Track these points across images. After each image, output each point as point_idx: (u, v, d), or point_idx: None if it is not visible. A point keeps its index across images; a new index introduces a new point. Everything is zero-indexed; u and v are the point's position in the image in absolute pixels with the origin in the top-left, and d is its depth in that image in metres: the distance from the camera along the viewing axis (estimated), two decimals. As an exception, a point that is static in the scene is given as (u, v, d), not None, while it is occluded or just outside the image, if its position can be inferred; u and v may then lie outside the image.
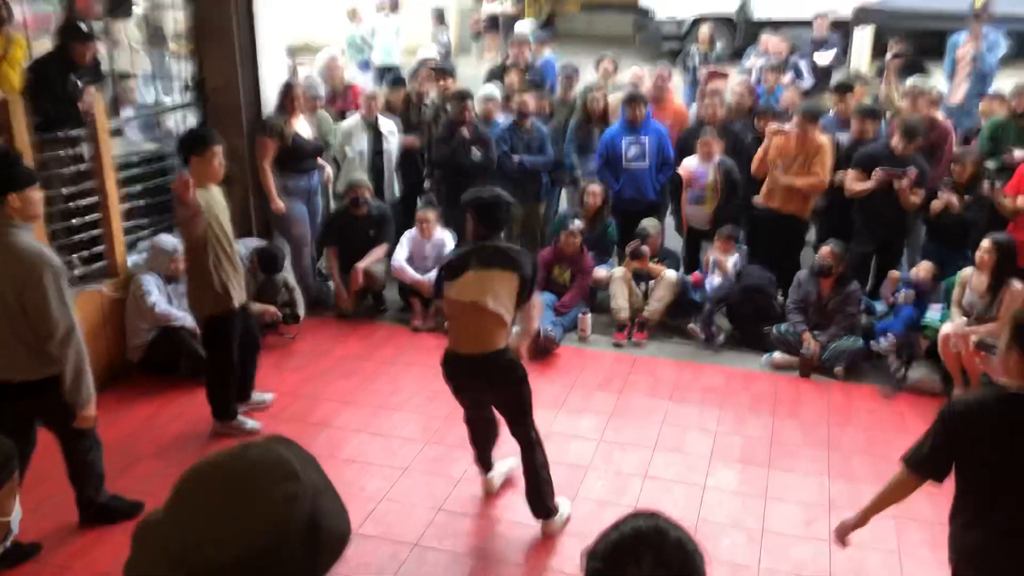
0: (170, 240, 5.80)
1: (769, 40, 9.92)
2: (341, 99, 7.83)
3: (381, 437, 5.23)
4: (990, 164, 6.42)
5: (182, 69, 6.71)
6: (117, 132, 6.53)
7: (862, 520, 3.16)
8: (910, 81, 6.99)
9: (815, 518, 4.52)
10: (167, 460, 4.86)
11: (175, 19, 6.73)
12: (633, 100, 7.10)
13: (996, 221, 6.14)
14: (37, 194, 3.78)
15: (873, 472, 4.92)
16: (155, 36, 7.51)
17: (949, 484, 2.87)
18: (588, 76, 8.67)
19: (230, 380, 5.10)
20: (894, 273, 6.32)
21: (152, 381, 5.74)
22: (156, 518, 1.33)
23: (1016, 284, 5.56)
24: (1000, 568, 2.74)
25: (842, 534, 3.23)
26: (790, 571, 4.13)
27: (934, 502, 4.58)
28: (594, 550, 1.37)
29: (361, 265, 6.76)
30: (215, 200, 4.79)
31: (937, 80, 8.33)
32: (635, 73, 8.37)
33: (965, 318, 5.71)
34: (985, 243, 5.62)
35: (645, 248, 6.65)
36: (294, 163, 6.55)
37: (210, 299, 4.81)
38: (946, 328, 5.67)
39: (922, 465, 2.87)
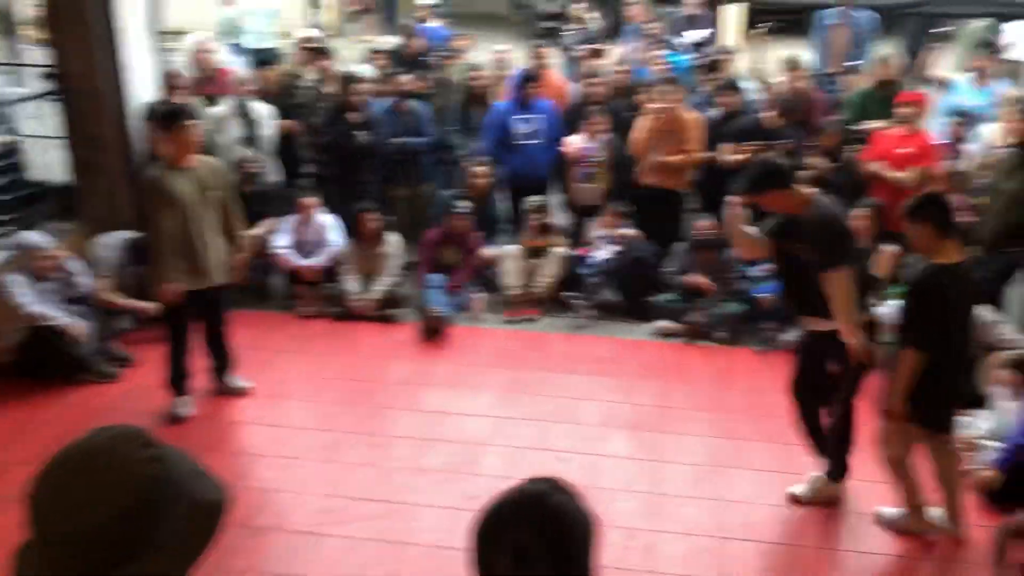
0: (35, 238, 5.50)
1: (637, 15, 10.08)
2: (211, 84, 7.54)
3: (271, 427, 5.12)
4: (855, 133, 6.72)
5: (37, 57, 6.35)
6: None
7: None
8: (786, 54, 7.24)
9: (704, 478, 4.67)
10: (40, 465, 4.61)
11: (26, 4, 6.36)
12: (527, 79, 7.12)
13: (859, 186, 6.44)
14: None
15: (757, 431, 5.13)
16: (4, 23, 7.08)
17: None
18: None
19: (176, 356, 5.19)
20: None
21: (25, 384, 5.45)
22: (29, 540, 1.30)
23: (889, 247, 5.85)
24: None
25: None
26: (682, 531, 4.26)
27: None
28: (479, 515, 1.37)
29: (254, 232, 6.61)
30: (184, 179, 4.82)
31: (803, 53, 8.66)
32: (498, 52, 8.30)
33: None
34: (861, 210, 5.88)
35: (552, 221, 6.73)
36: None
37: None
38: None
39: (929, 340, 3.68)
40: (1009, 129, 5.90)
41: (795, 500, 4.45)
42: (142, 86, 6.41)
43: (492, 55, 8.26)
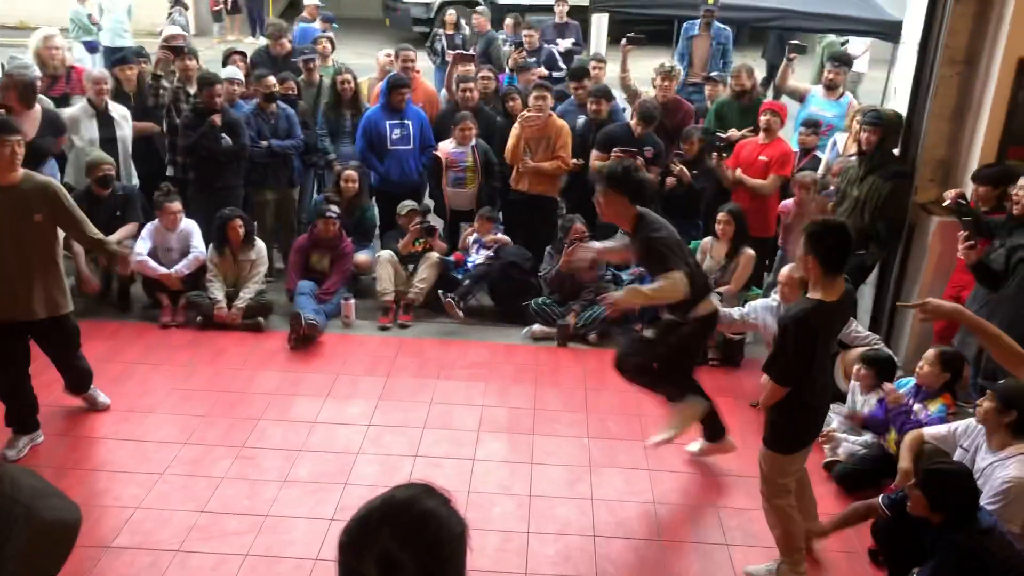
0: None
1: (510, 24, 10.24)
2: (63, 82, 7.14)
3: (132, 442, 4.88)
4: (716, 141, 6.98)
5: None
6: None
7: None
8: (665, 63, 7.42)
9: (578, 478, 4.75)
10: None
11: None
12: (397, 85, 7.07)
13: (721, 193, 6.71)
14: None
15: (627, 430, 5.25)
16: None
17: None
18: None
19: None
20: None
21: None
22: None
23: (748, 250, 6.11)
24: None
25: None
26: (557, 530, 4.31)
27: (682, 454, 4.98)
28: (346, 525, 1.33)
29: (111, 239, 6.28)
30: None
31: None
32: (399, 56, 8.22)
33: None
34: (722, 215, 6.12)
35: (434, 225, 6.70)
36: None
37: (66, 293, 4.74)
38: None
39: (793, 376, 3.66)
40: (854, 138, 6.26)
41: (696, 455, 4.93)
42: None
43: (380, 59, 8.17)
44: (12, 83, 5.71)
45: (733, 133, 6.99)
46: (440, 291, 6.61)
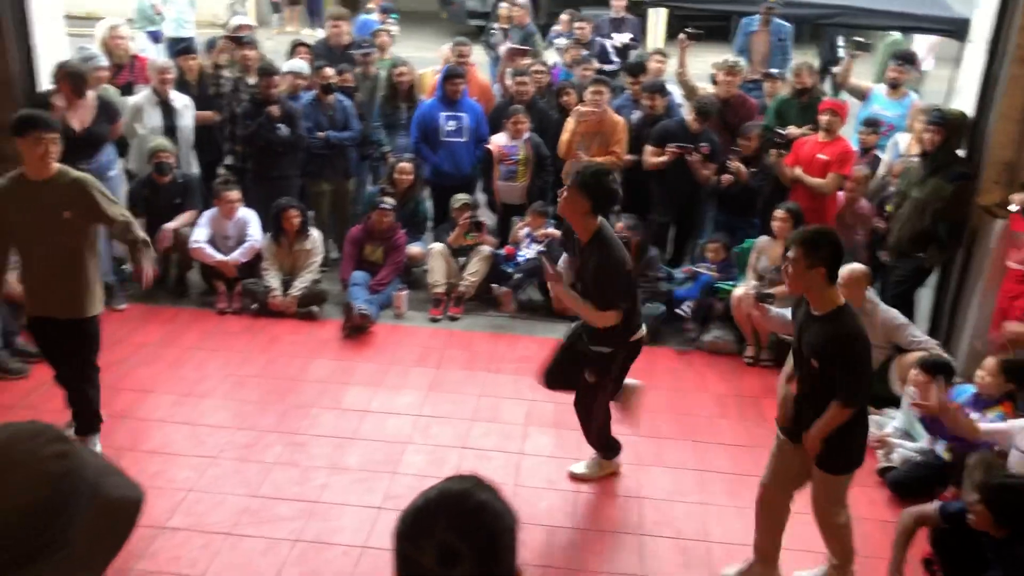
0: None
1: (567, 20, 10.18)
2: (127, 72, 7.30)
3: (187, 426, 4.99)
4: (776, 138, 6.88)
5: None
6: None
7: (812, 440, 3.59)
8: (729, 58, 7.32)
9: (625, 475, 4.73)
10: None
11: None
12: (451, 75, 7.10)
13: (778, 191, 6.61)
14: None
15: (677, 429, 5.22)
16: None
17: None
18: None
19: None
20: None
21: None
22: None
23: (858, 265, 5.99)
24: None
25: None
26: (604, 527, 4.30)
27: (730, 454, 4.94)
28: (402, 515, 1.35)
29: (170, 225, 6.45)
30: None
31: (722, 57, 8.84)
32: (453, 50, 8.25)
33: (757, 282, 6.12)
34: (779, 212, 6.03)
35: (483, 219, 6.72)
36: (65, 151, 5.98)
37: (95, 296, 4.47)
38: (739, 292, 6.06)
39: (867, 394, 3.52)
40: (917, 139, 6.13)
41: (575, 478, 4.67)
42: (48, 72, 6.15)
43: (443, 52, 8.20)
44: (64, 74, 5.84)
45: (792, 130, 6.88)
46: (494, 284, 6.63)
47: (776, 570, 3.95)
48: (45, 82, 6.08)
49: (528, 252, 6.82)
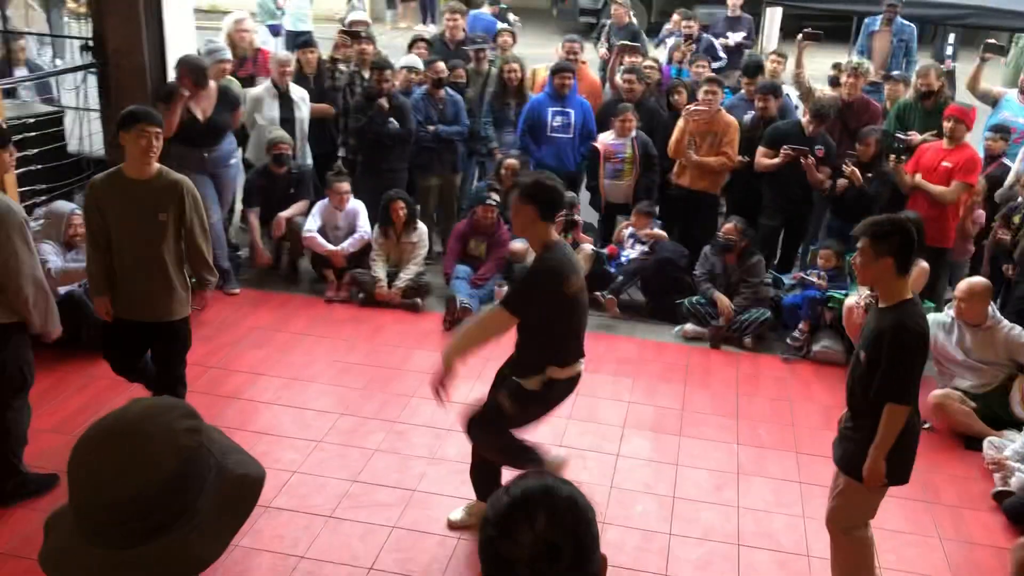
0: (66, 204, 5.55)
1: (678, 19, 10.05)
2: (250, 64, 7.57)
3: (294, 409, 5.14)
4: (896, 143, 6.63)
5: (80, 29, 6.39)
6: (9, 93, 6.21)
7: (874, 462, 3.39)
8: (854, 59, 7.09)
9: (724, 484, 4.64)
10: (67, 433, 4.66)
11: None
12: (561, 71, 7.11)
13: (896, 198, 6.37)
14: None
15: (779, 439, 5.09)
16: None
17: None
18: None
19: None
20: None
21: (52, 353, 5.49)
22: (64, 507, 1.30)
23: (922, 263, 5.77)
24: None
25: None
26: (700, 535, 4.23)
27: (834, 468, 4.78)
28: (487, 516, 1.34)
29: (284, 214, 6.68)
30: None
31: (840, 58, 8.57)
32: (563, 47, 8.21)
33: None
34: None
35: (578, 217, 6.70)
36: (188, 139, 6.26)
37: (182, 299, 4.43)
38: (850, 300, 5.86)
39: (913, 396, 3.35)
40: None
41: (452, 526, 4.18)
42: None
43: (560, 50, 8.20)
44: (185, 67, 6.08)
45: (915, 136, 6.61)
46: (598, 292, 6.57)
47: None
48: (174, 74, 6.36)
49: (631, 252, 6.77)
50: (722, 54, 9.39)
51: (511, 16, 9.98)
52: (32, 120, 5.78)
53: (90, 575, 1.22)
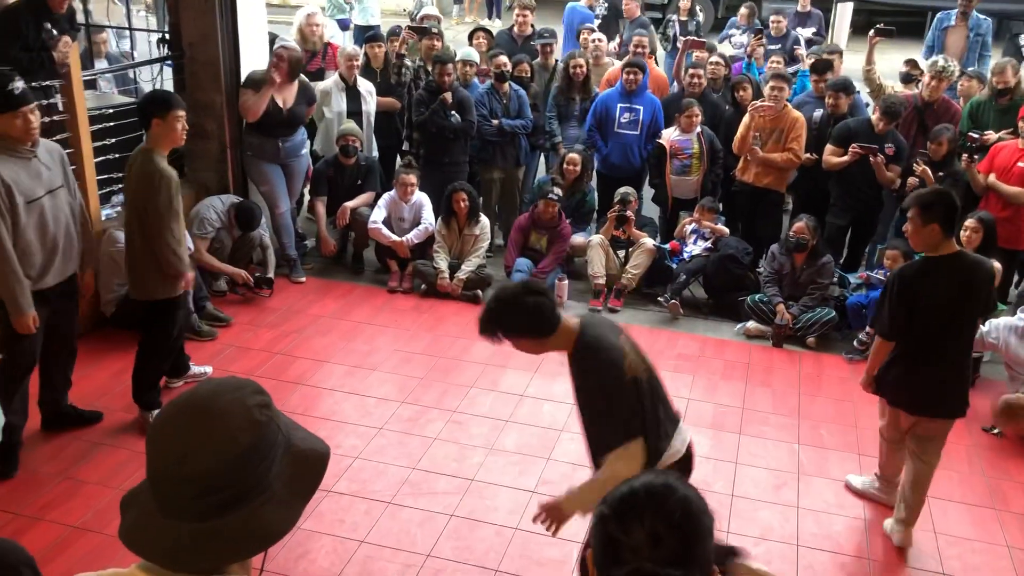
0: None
1: (745, 13, 9.94)
2: (319, 58, 7.70)
3: (356, 396, 5.24)
4: (969, 143, 6.45)
5: (158, 21, 6.58)
6: (90, 84, 6.41)
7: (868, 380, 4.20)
8: (939, 61, 6.89)
9: (784, 484, 4.60)
10: (137, 413, 4.83)
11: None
12: (631, 66, 7.09)
13: (969, 199, 6.20)
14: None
15: (842, 441, 5.02)
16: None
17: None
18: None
19: (161, 367, 4.90)
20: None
21: (125, 335, 5.68)
22: (139, 486, 1.36)
23: (994, 263, 5.62)
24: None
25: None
26: (758, 535, 4.20)
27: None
28: (607, 498, 1.41)
29: (349, 204, 6.80)
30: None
31: (912, 55, 8.37)
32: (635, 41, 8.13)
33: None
34: (971, 221, 5.63)
35: (630, 213, 6.68)
36: (264, 127, 6.43)
37: (160, 282, 4.57)
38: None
39: (891, 332, 3.97)
40: None
41: None
42: (254, 56, 6.58)
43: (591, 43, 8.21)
44: (284, 58, 6.23)
45: (989, 135, 6.44)
46: (663, 297, 6.55)
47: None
48: (247, 65, 6.50)
49: (694, 248, 6.73)
50: (803, 51, 9.24)
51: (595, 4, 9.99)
52: (111, 111, 5.97)
53: (169, 548, 1.27)
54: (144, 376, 4.78)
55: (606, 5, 10.31)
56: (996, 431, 5.13)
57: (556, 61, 7.88)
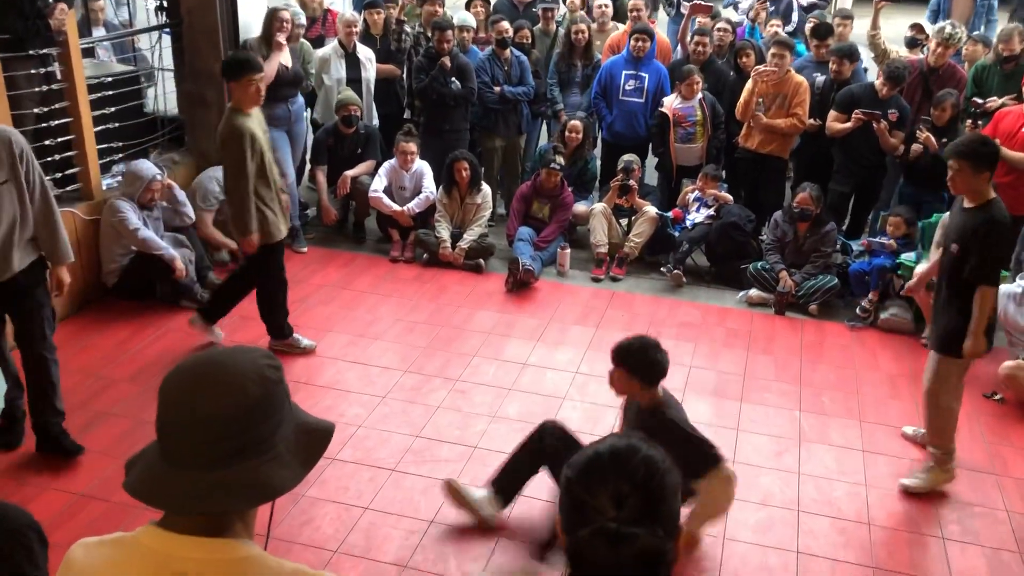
0: (148, 167, 5.69)
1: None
2: (319, 25, 7.64)
3: (359, 365, 5.25)
4: (973, 108, 6.40)
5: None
6: (88, 52, 6.36)
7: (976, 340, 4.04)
8: (947, 29, 6.81)
9: (785, 450, 4.62)
10: (142, 384, 4.85)
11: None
12: (639, 32, 7.02)
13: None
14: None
15: (843, 408, 5.04)
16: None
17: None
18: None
19: (282, 302, 5.28)
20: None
21: (127, 305, 5.71)
22: (143, 449, 1.40)
23: None
24: None
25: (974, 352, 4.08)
26: (759, 500, 4.23)
27: (899, 437, 4.73)
28: (573, 461, 1.42)
29: (350, 173, 6.79)
30: (259, 127, 4.80)
31: (918, 19, 8.30)
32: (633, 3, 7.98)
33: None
34: None
35: (633, 182, 6.66)
36: (272, 91, 6.37)
37: (259, 230, 4.90)
38: (921, 268, 5.72)
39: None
40: None
41: None
42: (252, 24, 6.52)
43: (596, 8, 8.11)
44: (287, 20, 6.23)
45: (993, 101, 6.39)
46: (666, 266, 6.54)
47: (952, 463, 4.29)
48: (245, 33, 6.45)
49: (697, 216, 6.71)
50: (795, 16, 9.15)
51: None
52: (110, 79, 5.93)
53: (176, 495, 1.31)
54: (274, 312, 5.25)
55: None
56: (997, 397, 5.15)
57: (557, 27, 7.80)
